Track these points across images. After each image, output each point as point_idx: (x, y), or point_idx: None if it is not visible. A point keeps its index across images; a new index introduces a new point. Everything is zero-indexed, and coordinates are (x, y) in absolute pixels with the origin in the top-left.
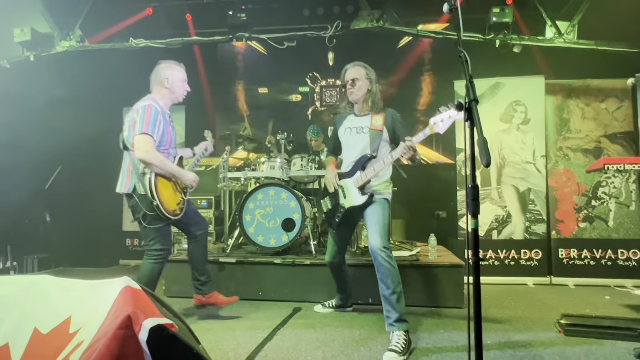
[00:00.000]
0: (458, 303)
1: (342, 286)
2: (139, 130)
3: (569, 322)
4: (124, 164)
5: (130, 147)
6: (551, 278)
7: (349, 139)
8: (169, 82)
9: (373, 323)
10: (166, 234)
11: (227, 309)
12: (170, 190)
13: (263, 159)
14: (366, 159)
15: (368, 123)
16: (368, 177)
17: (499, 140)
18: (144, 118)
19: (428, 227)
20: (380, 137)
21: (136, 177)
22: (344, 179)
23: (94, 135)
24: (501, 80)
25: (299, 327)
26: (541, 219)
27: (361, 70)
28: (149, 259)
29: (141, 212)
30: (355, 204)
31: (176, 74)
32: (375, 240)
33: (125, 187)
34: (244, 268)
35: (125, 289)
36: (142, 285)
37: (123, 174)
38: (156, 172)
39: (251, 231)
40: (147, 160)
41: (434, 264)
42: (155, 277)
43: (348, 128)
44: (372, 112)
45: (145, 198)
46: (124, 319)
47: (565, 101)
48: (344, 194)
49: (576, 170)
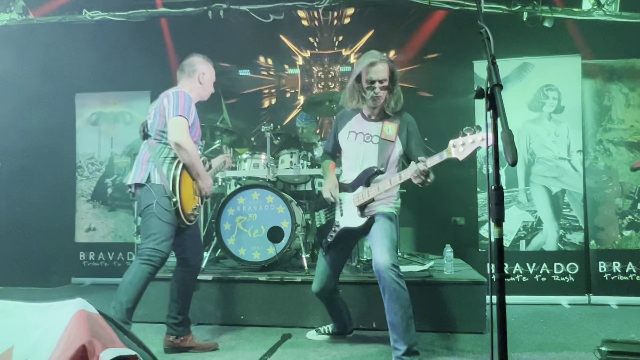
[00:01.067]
0: (479, 328)
1: (338, 314)
2: (175, 113)
3: (611, 349)
4: (141, 154)
5: (154, 135)
6: (590, 297)
7: (352, 147)
8: (204, 77)
9: (378, 353)
10: (169, 237)
11: (203, 336)
12: (190, 190)
13: (245, 155)
14: (372, 173)
15: (378, 131)
16: (371, 197)
17: (527, 132)
18: (179, 102)
19: (443, 236)
20: (392, 149)
21: (154, 167)
22: (343, 192)
23: (41, 127)
24: (530, 60)
25: (289, 357)
26: (578, 227)
27: (388, 68)
28: (140, 259)
29: (152, 202)
30: (351, 225)
31: (211, 73)
32: (383, 258)
33: (139, 177)
34: (223, 287)
35: (79, 314)
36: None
37: (138, 164)
38: (186, 161)
39: (231, 242)
40: (183, 145)
41: (451, 280)
42: (141, 284)
43: (352, 132)
44: (385, 118)
45: (160, 188)
46: (78, 349)
47: (606, 85)
48: (341, 210)
49: (619, 168)
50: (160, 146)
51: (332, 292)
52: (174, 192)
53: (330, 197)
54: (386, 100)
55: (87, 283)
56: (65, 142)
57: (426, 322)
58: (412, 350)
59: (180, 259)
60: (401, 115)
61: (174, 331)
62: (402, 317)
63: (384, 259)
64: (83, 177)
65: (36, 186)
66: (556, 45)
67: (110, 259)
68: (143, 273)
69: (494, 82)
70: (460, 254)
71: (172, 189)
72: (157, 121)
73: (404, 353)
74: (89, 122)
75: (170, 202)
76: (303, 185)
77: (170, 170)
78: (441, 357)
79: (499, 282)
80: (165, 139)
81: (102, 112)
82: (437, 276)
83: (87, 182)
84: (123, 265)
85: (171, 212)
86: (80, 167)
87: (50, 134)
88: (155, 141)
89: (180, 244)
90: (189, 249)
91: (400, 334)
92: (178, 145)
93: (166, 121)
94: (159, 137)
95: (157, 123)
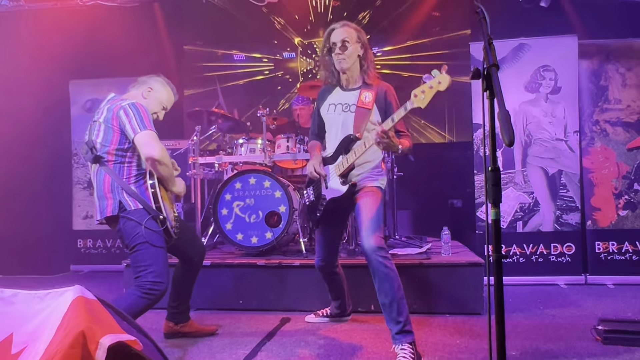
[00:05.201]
0: (477, 308)
1: (338, 293)
2: (142, 127)
3: (607, 328)
4: (99, 183)
5: (106, 155)
6: (586, 277)
7: (332, 118)
8: (149, 94)
9: (376, 334)
10: (165, 263)
11: (202, 321)
12: (168, 201)
13: (241, 140)
14: (349, 141)
15: (356, 99)
16: (350, 162)
17: (524, 113)
18: (142, 115)
19: (440, 218)
20: (368, 116)
21: (122, 192)
22: (326, 165)
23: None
24: (526, 41)
25: (288, 341)
26: (574, 207)
27: (352, 32)
28: (140, 291)
29: (139, 230)
30: (336, 195)
31: (164, 95)
32: (368, 242)
33: (108, 210)
34: (221, 272)
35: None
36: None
37: (100, 195)
38: (164, 175)
39: (229, 228)
40: (162, 160)
41: (448, 262)
42: (138, 314)
43: (332, 105)
44: (362, 86)
45: (141, 213)
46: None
47: (602, 66)
48: (326, 184)
49: (616, 148)
50: (118, 167)
51: (332, 267)
52: (159, 209)
53: (314, 173)
54: (361, 68)
55: (86, 270)
56: (61, 129)
57: (424, 304)
58: (405, 330)
59: (181, 258)
60: (379, 84)
61: (174, 317)
62: (393, 297)
63: (369, 243)
64: (79, 164)
65: (32, 174)
66: (553, 25)
67: (108, 247)
68: (143, 305)
69: (490, 62)
70: (457, 236)
71: (156, 204)
72: (110, 138)
73: (396, 332)
74: (83, 109)
75: (158, 222)
76: (300, 169)
77: (142, 188)
78: (439, 338)
79: (496, 263)
80: (123, 158)
81: (96, 99)
82: (435, 258)
83: (83, 170)
84: (121, 252)
85: (161, 232)
86: (76, 155)
87: (45, 122)
88: (111, 163)
89: (177, 247)
90: (187, 247)
91: (392, 314)
92: (159, 161)
93: (126, 138)
94: (117, 158)
95: (110, 140)
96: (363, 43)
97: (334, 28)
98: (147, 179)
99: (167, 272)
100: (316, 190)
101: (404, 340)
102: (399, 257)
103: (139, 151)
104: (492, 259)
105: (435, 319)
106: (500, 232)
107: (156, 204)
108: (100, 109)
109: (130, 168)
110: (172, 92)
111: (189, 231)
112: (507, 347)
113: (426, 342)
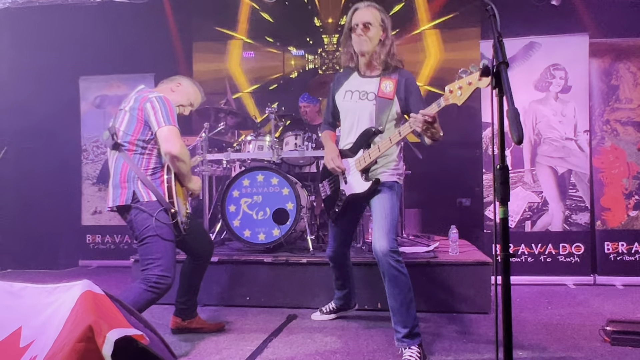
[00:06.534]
0: (484, 308)
1: (344, 283)
2: (166, 122)
3: (616, 329)
4: (116, 170)
5: (128, 144)
6: (595, 277)
7: (349, 106)
8: (179, 88)
9: (383, 332)
10: (173, 257)
11: (209, 316)
12: (182, 197)
13: (249, 137)
14: (370, 134)
15: (375, 88)
16: (372, 158)
17: (534, 112)
18: (168, 109)
19: (448, 217)
20: (390, 107)
21: (138, 182)
22: (344, 158)
23: (46, 111)
24: (536, 39)
25: (295, 338)
26: (584, 207)
27: (376, 13)
28: (146, 285)
29: (150, 222)
30: (357, 192)
31: (192, 92)
32: (380, 244)
33: (122, 199)
34: (228, 268)
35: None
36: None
37: (115, 184)
38: (182, 171)
39: (236, 224)
40: (181, 157)
41: (456, 261)
42: (144, 307)
43: (349, 92)
44: (382, 74)
45: (154, 205)
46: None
47: (613, 64)
48: (345, 178)
49: (626, 148)
50: (138, 157)
51: (345, 257)
52: (172, 203)
53: (335, 168)
54: (377, 54)
55: (94, 265)
56: (70, 125)
57: (431, 303)
58: (413, 332)
59: (189, 254)
60: (399, 72)
61: (181, 313)
62: (402, 301)
63: (381, 245)
64: (88, 160)
65: (42, 169)
66: (563, 24)
67: (116, 242)
68: (148, 299)
69: (500, 60)
70: (465, 234)
71: (169, 197)
72: (134, 127)
73: (404, 336)
74: (93, 105)
75: (169, 215)
76: (308, 167)
77: (158, 181)
78: (446, 337)
79: (504, 263)
80: (144, 149)
81: (106, 95)
82: (442, 257)
83: (93, 165)
84: (129, 247)
85: (171, 226)
86: (86, 150)
87: (55, 117)
88: (132, 152)
89: (186, 243)
90: (196, 244)
91: (400, 318)
92: (176, 157)
93: (149, 129)
94: (137, 148)
95: (132, 130)
96: (386, 27)
97: (357, 7)
98: (164, 173)
99: (174, 266)
100: (333, 184)
101: (412, 343)
102: (407, 255)
103: (160, 145)
104: (500, 258)
105: (442, 317)
106: (508, 231)
107: (170, 198)
108: (128, 98)
109: (150, 160)
110: (200, 92)
111: (198, 228)
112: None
113: (433, 342)
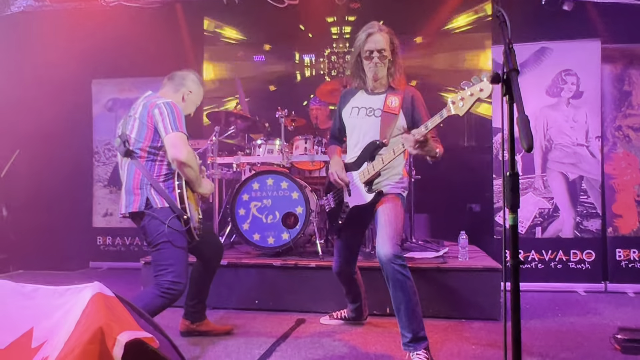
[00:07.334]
0: (493, 314)
1: (355, 297)
2: (174, 128)
3: (627, 337)
4: (128, 177)
5: (139, 151)
6: (606, 284)
7: (355, 122)
8: (189, 97)
9: (391, 338)
10: (185, 263)
11: (218, 319)
12: (194, 202)
13: (259, 141)
14: (375, 147)
15: (381, 104)
16: (376, 170)
17: (545, 117)
18: (176, 116)
19: (458, 223)
20: (395, 121)
21: (151, 189)
22: (349, 171)
23: (59, 113)
24: (548, 44)
25: (303, 342)
26: (595, 214)
27: (388, 38)
28: (158, 290)
29: (162, 228)
30: (360, 203)
31: (198, 95)
32: (385, 250)
33: (135, 205)
34: (238, 272)
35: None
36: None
37: (128, 190)
38: (191, 177)
39: (245, 228)
40: (188, 163)
41: (465, 267)
42: (156, 312)
43: (355, 108)
44: (388, 91)
45: (166, 211)
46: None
47: (626, 70)
48: (349, 190)
49: (638, 155)
50: (150, 164)
51: (351, 274)
52: (184, 209)
53: (338, 180)
54: (389, 72)
55: (105, 267)
56: (82, 128)
57: (440, 308)
58: (419, 336)
59: (199, 258)
60: (405, 88)
61: (190, 316)
62: (407, 305)
63: (385, 250)
64: (100, 162)
65: (54, 171)
66: (575, 29)
67: (127, 244)
68: (161, 305)
69: (510, 66)
70: (475, 240)
71: (181, 204)
72: (144, 135)
73: (409, 340)
74: (105, 108)
75: (182, 222)
76: (317, 171)
77: (170, 188)
78: (454, 343)
79: (514, 269)
80: (155, 155)
81: (118, 99)
82: (451, 263)
83: (104, 168)
84: (140, 249)
85: (184, 233)
86: (97, 153)
87: (67, 120)
88: (143, 159)
89: (197, 247)
90: (206, 247)
91: (406, 322)
92: (183, 163)
93: (159, 136)
94: (149, 155)
95: (143, 137)
96: (395, 47)
97: (372, 32)
98: (175, 179)
99: (187, 272)
100: (337, 197)
101: (418, 347)
102: (416, 260)
103: (167, 151)
104: (509, 264)
105: (450, 323)
106: (518, 238)
107: (182, 204)
108: (136, 105)
109: (162, 166)
110: (202, 87)
111: (209, 232)
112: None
113: (441, 347)
